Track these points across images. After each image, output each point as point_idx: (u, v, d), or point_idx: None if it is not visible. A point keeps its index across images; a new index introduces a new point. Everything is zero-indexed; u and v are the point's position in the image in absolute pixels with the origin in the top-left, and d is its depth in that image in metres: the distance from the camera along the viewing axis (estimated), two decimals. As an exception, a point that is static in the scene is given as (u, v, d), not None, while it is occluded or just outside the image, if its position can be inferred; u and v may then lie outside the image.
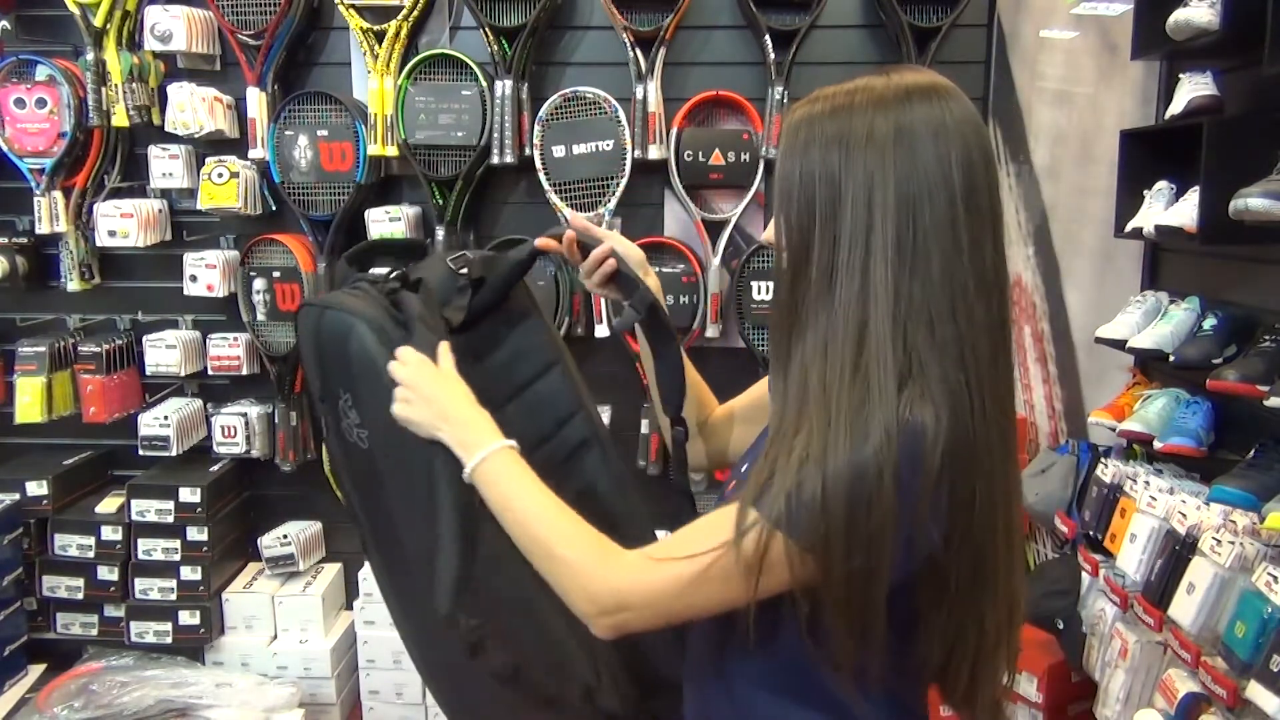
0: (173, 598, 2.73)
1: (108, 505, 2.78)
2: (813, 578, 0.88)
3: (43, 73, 2.67)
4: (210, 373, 2.79)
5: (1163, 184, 2.21)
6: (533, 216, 2.75)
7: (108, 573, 2.74)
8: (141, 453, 2.72)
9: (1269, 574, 1.59)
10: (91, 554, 2.73)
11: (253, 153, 2.66)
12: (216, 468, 2.81)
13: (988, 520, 0.90)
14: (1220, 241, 1.97)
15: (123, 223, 2.66)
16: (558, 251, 1.23)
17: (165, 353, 2.72)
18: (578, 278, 1.44)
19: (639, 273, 1.20)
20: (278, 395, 2.77)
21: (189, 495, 2.69)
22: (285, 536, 2.82)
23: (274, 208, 2.77)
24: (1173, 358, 2.07)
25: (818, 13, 2.57)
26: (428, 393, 1.06)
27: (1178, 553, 1.82)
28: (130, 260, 2.86)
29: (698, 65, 2.72)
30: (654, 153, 2.60)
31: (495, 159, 2.61)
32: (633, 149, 2.61)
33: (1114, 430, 2.23)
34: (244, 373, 2.78)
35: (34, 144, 2.66)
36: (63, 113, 2.65)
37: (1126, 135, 2.39)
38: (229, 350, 2.76)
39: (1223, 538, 1.71)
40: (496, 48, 2.58)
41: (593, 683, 1.15)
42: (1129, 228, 2.29)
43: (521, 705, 1.12)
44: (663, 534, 1.05)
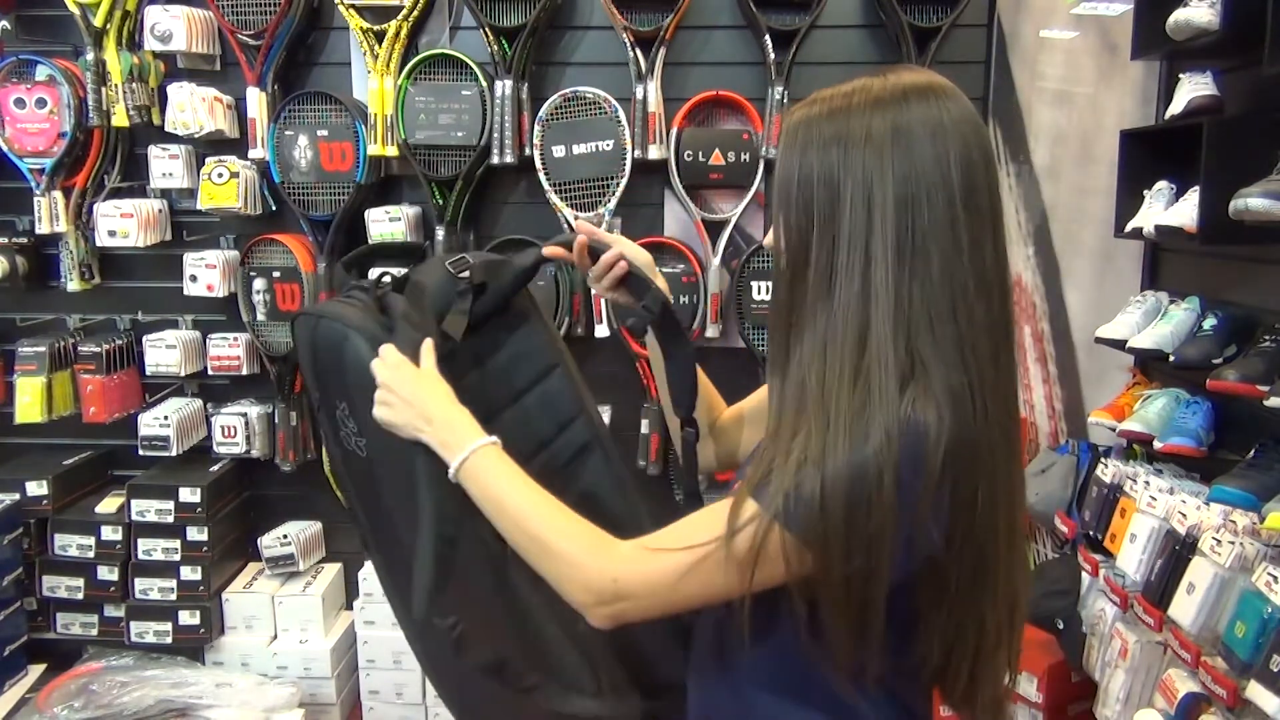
0: (173, 598, 2.73)
1: (108, 505, 2.78)
2: (809, 572, 0.88)
3: (43, 73, 2.67)
4: (210, 373, 2.79)
5: (1163, 184, 2.21)
6: (533, 216, 2.75)
7: (108, 573, 2.74)
8: (141, 453, 2.72)
9: (1269, 574, 1.59)
10: (91, 554, 2.73)
11: (253, 153, 2.66)
12: (216, 468, 2.81)
13: (989, 520, 0.90)
14: (1220, 241, 1.97)
15: (123, 223, 2.66)
16: (568, 260, 1.22)
17: (165, 353, 2.72)
18: (584, 281, 1.43)
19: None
20: (278, 395, 2.77)
21: (189, 495, 2.69)
22: (285, 536, 2.82)
23: (274, 208, 2.77)
24: (1173, 358, 2.07)
25: (818, 13, 2.57)
26: (407, 394, 1.05)
27: (1178, 553, 1.82)
28: (130, 260, 2.86)
29: (698, 65, 2.72)
30: (654, 153, 2.60)
31: (495, 159, 2.61)
32: (633, 149, 2.61)
33: (1114, 430, 2.23)
34: (244, 373, 2.78)
35: (34, 144, 2.66)
36: (63, 113, 2.65)
37: (1126, 135, 2.39)
38: (229, 350, 2.76)
39: (1223, 538, 1.71)
40: (496, 48, 2.58)
41: (592, 688, 1.15)
42: (1129, 228, 2.29)
43: (517, 702, 1.12)
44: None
